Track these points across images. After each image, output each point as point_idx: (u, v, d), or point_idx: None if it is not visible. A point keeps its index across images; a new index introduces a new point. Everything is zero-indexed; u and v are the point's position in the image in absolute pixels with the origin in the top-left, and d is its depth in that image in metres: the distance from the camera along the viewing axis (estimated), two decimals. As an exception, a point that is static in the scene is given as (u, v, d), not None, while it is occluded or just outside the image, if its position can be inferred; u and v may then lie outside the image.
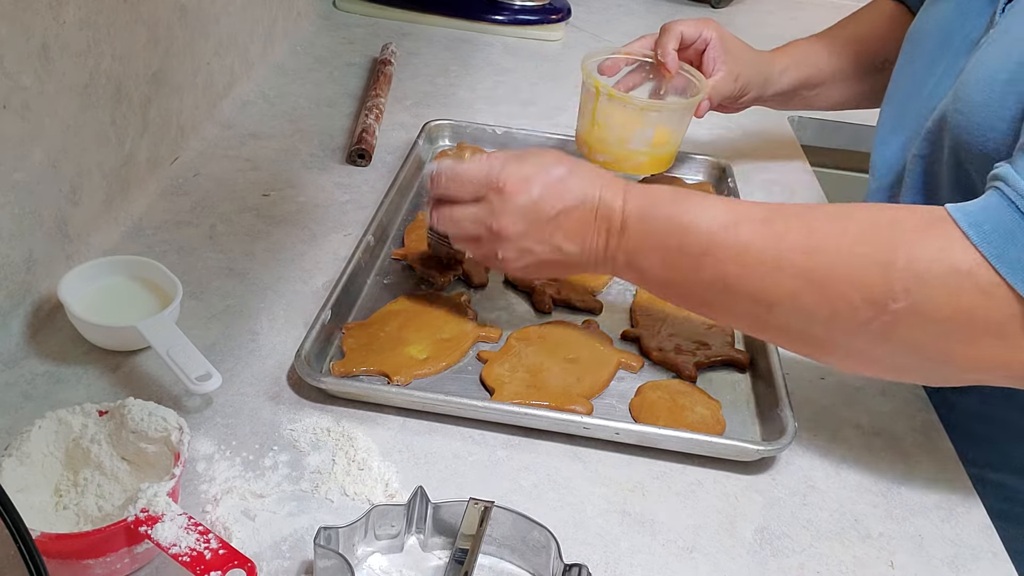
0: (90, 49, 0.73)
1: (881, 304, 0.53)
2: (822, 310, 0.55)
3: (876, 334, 0.55)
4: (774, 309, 0.57)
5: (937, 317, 0.53)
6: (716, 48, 0.91)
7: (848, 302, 0.54)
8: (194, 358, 0.62)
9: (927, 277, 0.53)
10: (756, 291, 0.57)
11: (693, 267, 0.59)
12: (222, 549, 0.48)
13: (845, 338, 0.56)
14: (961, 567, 0.59)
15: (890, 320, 0.54)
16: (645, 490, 0.62)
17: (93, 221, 0.77)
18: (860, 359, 0.58)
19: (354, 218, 0.88)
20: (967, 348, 0.54)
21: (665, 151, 0.91)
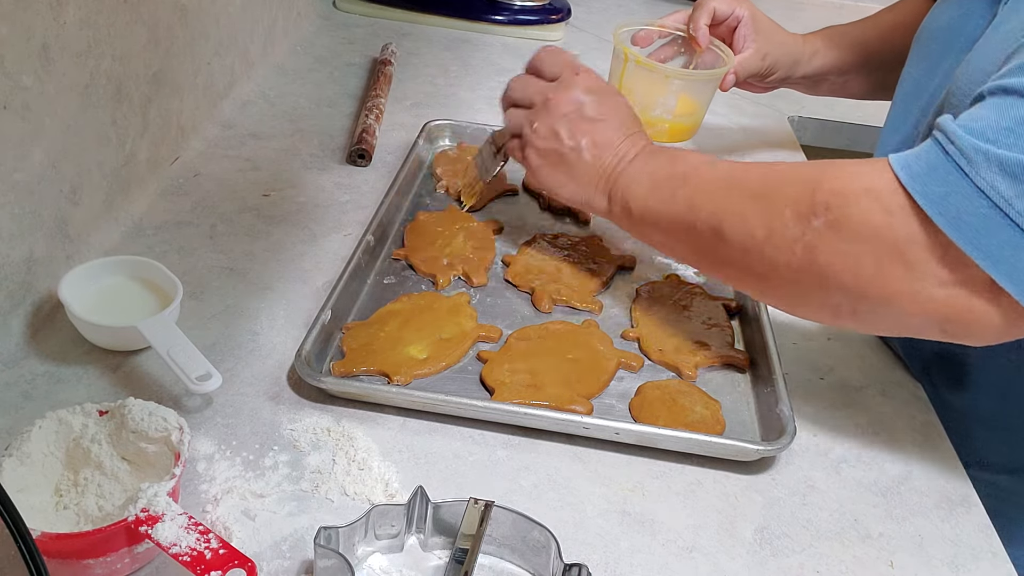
0: (90, 49, 0.73)
1: (805, 219, 0.57)
2: (760, 229, 0.59)
3: (801, 256, 0.57)
4: (724, 231, 0.62)
5: (848, 235, 0.55)
6: (747, 26, 0.94)
7: (780, 218, 0.58)
8: (194, 358, 0.62)
9: (844, 195, 0.56)
10: (712, 211, 0.63)
11: (671, 192, 0.66)
12: (222, 549, 0.48)
13: (779, 265, 0.59)
14: (961, 567, 0.59)
15: (811, 239, 0.57)
16: (645, 490, 0.62)
17: (93, 221, 0.77)
18: (792, 293, 0.61)
19: (354, 218, 0.88)
20: (876, 272, 0.55)
21: (687, 121, 0.93)
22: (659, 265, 0.86)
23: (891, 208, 0.54)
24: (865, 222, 0.55)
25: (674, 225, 0.66)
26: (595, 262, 0.84)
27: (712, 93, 0.94)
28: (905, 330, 0.58)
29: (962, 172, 0.52)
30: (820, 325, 0.80)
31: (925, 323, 0.56)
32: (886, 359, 0.78)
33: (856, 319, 0.59)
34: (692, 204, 0.64)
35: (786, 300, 0.62)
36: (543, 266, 0.82)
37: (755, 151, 1.12)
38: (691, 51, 0.97)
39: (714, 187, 0.64)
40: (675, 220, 0.66)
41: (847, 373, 0.75)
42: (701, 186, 0.65)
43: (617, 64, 0.93)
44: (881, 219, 0.54)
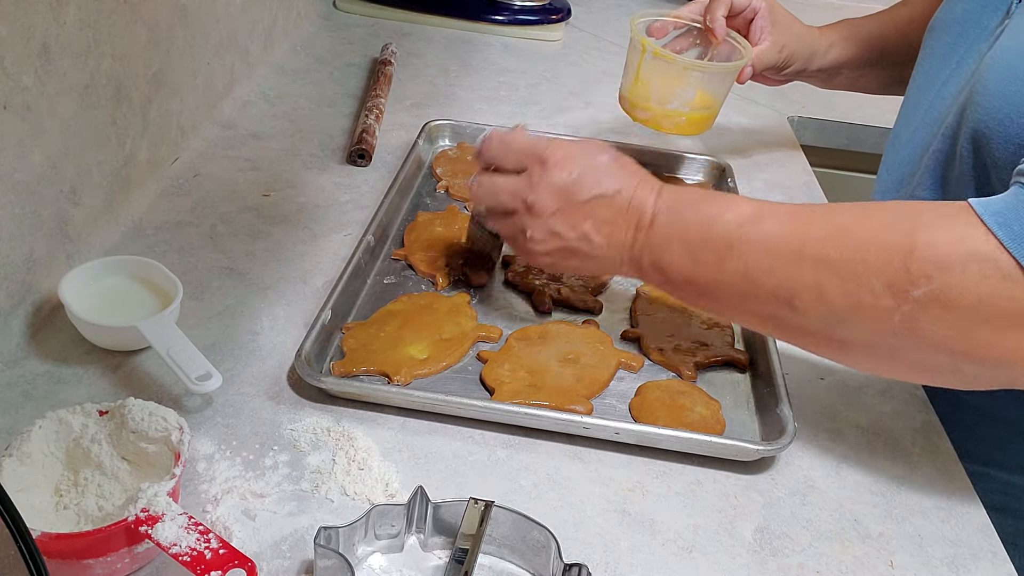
0: (90, 49, 0.73)
1: (902, 291, 0.52)
2: (843, 300, 0.54)
3: (898, 326, 0.53)
4: (795, 303, 0.56)
5: (959, 305, 0.52)
6: (764, 18, 0.93)
7: (869, 290, 0.53)
8: (194, 358, 0.62)
9: (947, 262, 0.52)
10: (778, 283, 0.57)
11: (716, 261, 0.59)
12: (222, 549, 0.48)
13: (867, 333, 0.55)
14: (961, 567, 0.59)
15: (911, 310, 0.52)
16: (645, 490, 0.62)
17: (93, 221, 0.77)
18: (883, 357, 0.56)
19: (354, 218, 0.88)
20: (992, 339, 0.52)
21: (704, 113, 0.92)
22: (659, 265, 0.86)
23: (1004, 271, 0.51)
24: (976, 292, 0.51)
25: (728, 296, 0.60)
26: (595, 262, 0.83)
27: (730, 86, 0.93)
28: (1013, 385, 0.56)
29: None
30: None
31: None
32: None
33: (957, 378, 0.56)
34: (748, 277, 0.58)
35: (876, 365, 0.58)
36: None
37: (755, 151, 1.12)
38: (707, 43, 0.96)
39: (772, 258, 0.57)
40: (728, 291, 0.60)
41: (847, 373, 0.75)
42: (753, 257, 0.58)
43: (634, 55, 0.91)
44: (995, 284, 0.51)
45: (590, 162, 0.64)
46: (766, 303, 0.58)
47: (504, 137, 0.68)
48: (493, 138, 0.68)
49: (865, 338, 0.55)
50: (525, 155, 0.66)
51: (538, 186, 0.64)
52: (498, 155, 0.68)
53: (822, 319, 0.56)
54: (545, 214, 0.64)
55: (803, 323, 0.57)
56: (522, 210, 0.65)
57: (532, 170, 0.65)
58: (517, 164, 0.66)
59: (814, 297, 0.55)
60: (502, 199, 0.67)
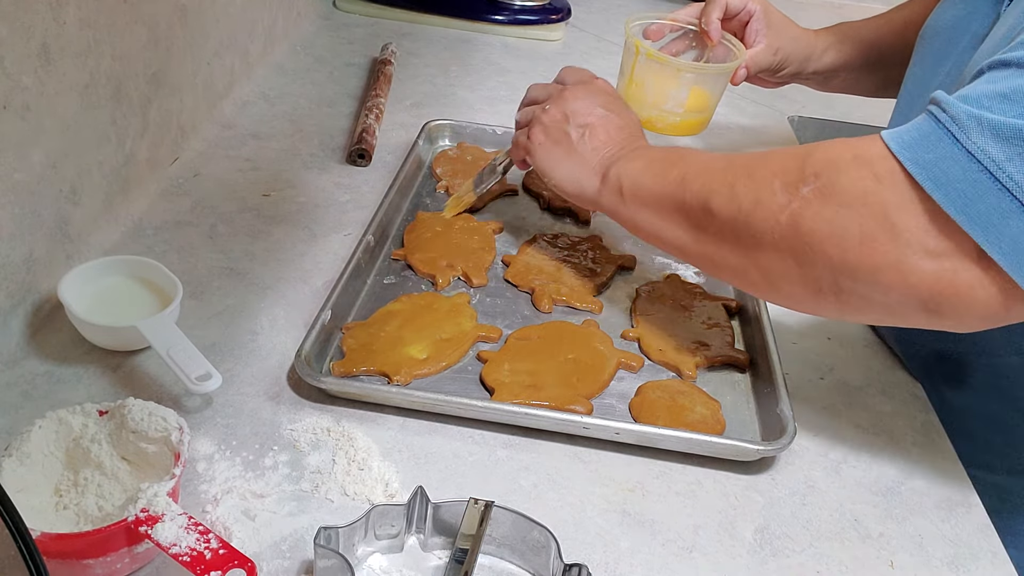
0: (90, 49, 0.73)
1: (794, 187, 0.57)
2: (748, 200, 0.60)
3: (786, 227, 0.57)
4: (711, 207, 0.62)
5: (835, 201, 0.55)
6: (759, 20, 0.94)
7: (770, 188, 0.58)
8: (194, 358, 0.62)
9: (834, 163, 0.56)
10: (701, 187, 0.63)
11: (662, 173, 0.67)
12: (222, 549, 0.48)
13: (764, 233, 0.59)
14: (961, 567, 0.59)
15: (798, 207, 0.57)
16: (645, 490, 0.62)
17: (93, 221, 0.77)
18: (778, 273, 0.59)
19: (354, 218, 0.88)
20: (861, 244, 0.54)
21: (698, 115, 0.93)
22: (659, 265, 0.86)
23: (880, 174, 0.53)
24: (853, 188, 0.54)
25: (662, 201, 0.66)
26: (595, 262, 0.84)
27: (724, 87, 0.94)
28: (888, 311, 0.56)
29: (953, 138, 0.51)
30: (820, 324, 0.80)
31: (909, 300, 0.54)
32: (886, 359, 0.78)
33: (838, 298, 0.57)
34: (683, 180, 0.65)
35: (767, 278, 0.61)
36: (543, 266, 0.82)
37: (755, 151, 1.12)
38: (703, 46, 0.97)
39: (708, 165, 0.65)
40: (664, 196, 0.66)
41: (847, 373, 0.75)
42: (695, 164, 0.66)
43: (628, 57, 0.93)
44: (870, 185, 0.54)
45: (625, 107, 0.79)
46: (691, 208, 0.64)
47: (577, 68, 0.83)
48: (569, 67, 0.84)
49: (761, 244, 0.59)
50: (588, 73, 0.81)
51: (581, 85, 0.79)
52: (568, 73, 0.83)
53: (732, 219, 0.61)
54: (571, 100, 0.76)
55: (715, 226, 0.62)
56: (556, 94, 0.78)
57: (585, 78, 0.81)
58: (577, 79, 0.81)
59: (727, 196, 0.61)
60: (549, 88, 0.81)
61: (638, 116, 0.93)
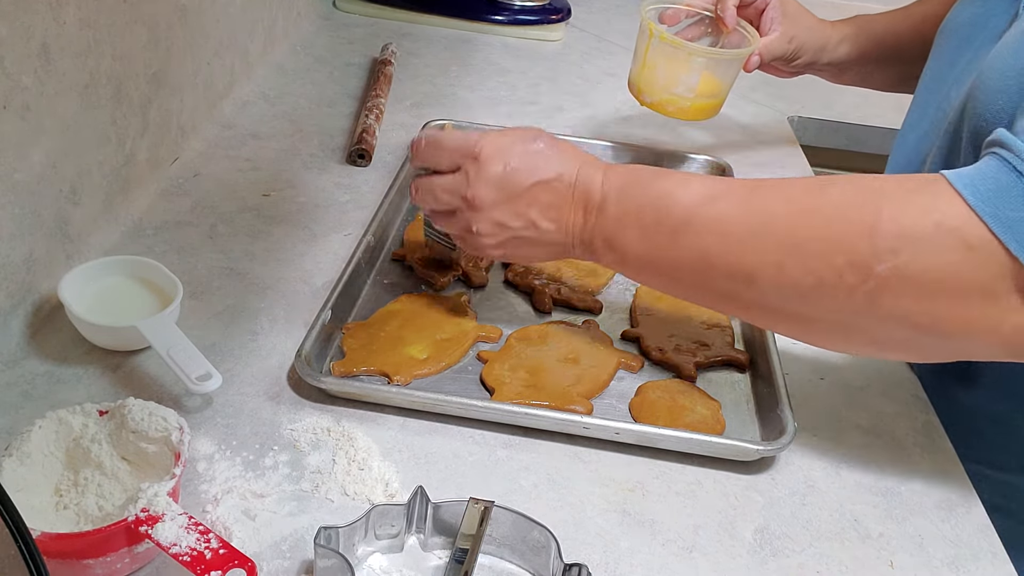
0: (90, 49, 0.73)
1: (866, 267, 0.51)
2: (806, 280, 0.53)
3: (861, 303, 0.53)
4: (754, 283, 0.55)
5: (923, 279, 0.51)
6: (775, 8, 0.93)
7: (833, 268, 0.52)
8: (194, 358, 0.62)
9: (913, 236, 0.51)
10: (735, 264, 0.56)
11: (671, 243, 0.58)
12: (222, 549, 0.48)
13: (829, 311, 0.54)
14: (961, 567, 0.59)
15: (875, 285, 0.52)
16: (645, 490, 0.62)
17: (93, 221, 0.77)
18: (844, 333, 0.56)
19: (354, 218, 0.88)
20: (954, 311, 0.51)
21: (709, 100, 0.93)
22: (659, 265, 0.86)
23: (971, 243, 0.50)
24: (941, 263, 0.50)
25: (684, 275, 0.59)
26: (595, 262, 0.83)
27: (736, 74, 0.93)
28: (969, 357, 0.55)
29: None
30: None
31: (998, 352, 0.54)
32: (886, 359, 0.78)
33: (920, 352, 0.56)
34: (705, 256, 0.57)
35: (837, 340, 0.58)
36: (543, 266, 0.82)
37: (755, 150, 1.12)
38: (718, 32, 0.96)
39: (729, 237, 0.56)
40: (685, 271, 0.59)
41: (847, 373, 0.75)
42: (711, 236, 0.57)
43: (642, 40, 0.92)
44: (960, 256, 0.50)
45: (525, 149, 0.63)
46: (723, 281, 0.57)
47: (434, 138, 0.66)
48: (422, 141, 0.67)
49: (826, 315, 0.55)
50: (457, 153, 0.65)
51: (475, 182, 0.63)
52: (430, 157, 0.67)
53: (783, 297, 0.55)
54: (486, 207, 0.63)
55: (762, 300, 0.56)
56: (464, 207, 0.64)
57: (466, 167, 0.64)
58: (451, 163, 0.65)
59: (774, 275, 0.54)
60: (442, 199, 0.66)
61: (649, 99, 0.93)
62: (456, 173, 0.65)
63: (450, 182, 0.65)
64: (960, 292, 0.51)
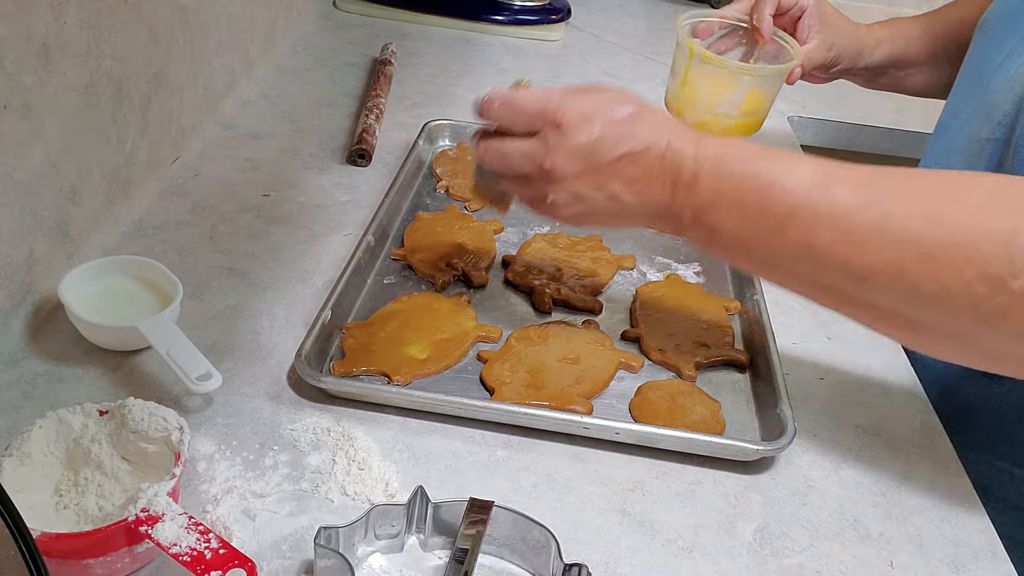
0: (90, 49, 0.73)
1: (999, 281, 0.47)
2: (928, 286, 0.49)
3: (987, 316, 0.48)
4: (867, 283, 0.51)
5: None
6: (812, 16, 0.90)
7: (961, 278, 0.48)
8: (194, 358, 0.62)
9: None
10: (849, 261, 0.51)
11: (776, 230, 0.53)
12: (222, 549, 0.48)
13: (949, 321, 0.50)
14: (961, 567, 0.59)
15: (1006, 301, 0.47)
16: (645, 490, 0.62)
17: (93, 221, 0.77)
18: (962, 345, 0.52)
19: (354, 218, 0.88)
20: None
21: (754, 117, 0.90)
22: (659, 265, 0.86)
23: None
24: None
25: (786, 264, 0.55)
26: (595, 262, 0.84)
27: (779, 87, 0.90)
28: None
29: None
30: (820, 324, 0.80)
31: None
32: (886, 359, 0.78)
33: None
34: (814, 249, 0.52)
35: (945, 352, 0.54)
36: (543, 266, 0.82)
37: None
38: (753, 42, 0.92)
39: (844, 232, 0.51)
40: (787, 261, 0.54)
41: (847, 373, 0.75)
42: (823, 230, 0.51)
43: (681, 59, 0.88)
44: None
45: (611, 117, 0.58)
46: (832, 276, 0.52)
47: (508, 98, 0.61)
48: (495, 99, 0.61)
49: (945, 324, 0.51)
50: (534, 117, 0.59)
51: (555, 151, 0.58)
52: (504, 118, 0.61)
53: (898, 300, 0.51)
54: (567, 179, 0.58)
55: (873, 300, 0.52)
56: (540, 176, 0.59)
57: (546, 133, 0.59)
58: (527, 127, 0.60)
59: (893, 277, 0.50)
60: (516, 164, 0.61)
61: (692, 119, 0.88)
62: (534, 138, 0.59)
63: (527, 148, 0.60)
64: None
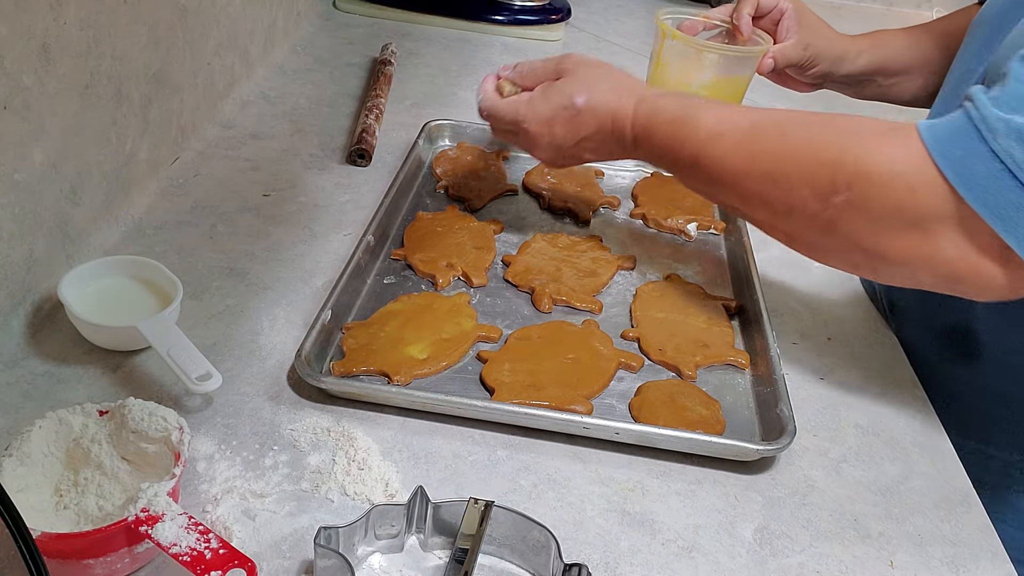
0: (90, 49, 0.73)
1: (825, 197, 0.59)
2: (781, 205, 0.62)
3: (823, 227, 0.60)
4: (749, 204, 0.65)
5: (871, 211, 0.58)
6: (791, 19, 0.95)
7: (800, 197, 0.61)
8: (194, 358, 0.62)
9: (869, 175, 0.58)
10: (733, 191, 0.66)
11: (689, 171, 0.69)
12: (222, 549, 0.48)
13: (802, 230, 0.63)
14: (961, 567, 0.59)
15: (833, 214, 0.59)
16: (645, 490, 0.62)
17: (93, 221, 0.77)
18: (817, 250, 0.64)
19: (354, 218, 0.88)
20: (897, 242, 0.58)
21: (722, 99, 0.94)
22: (659, 265, 0.86)
23: (914, 184, 0.56)
24: (888, 200, 0.57)
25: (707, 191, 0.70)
26: (595, 262, 0.84)
27: (749, 76, 0.95)
28: (918, 285, 0.61)
29: (981, 136, 0.54)
30: (820, 324, 0.80)
31: (937, 281, 0.59)
32: (886, 359, 0.78)
33: (874, 274, 0.63)
34: (711, 184, 0.67)
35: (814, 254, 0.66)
36: (543, 266, 0.82)
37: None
38: (735, 42, 0.98)
39: (727, 171, 0.65)
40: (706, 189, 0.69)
41: (847, 373, 0.75)
42: (714, 170, 0.66)
43: (656, 42, 0.96)
44: (904, 194, 0.56)
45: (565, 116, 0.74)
46: (730, 199, 0.68)
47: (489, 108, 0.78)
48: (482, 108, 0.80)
49: (801, 233, 0.63)
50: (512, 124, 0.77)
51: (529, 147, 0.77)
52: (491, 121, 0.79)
53: (769, 216, 0.65)
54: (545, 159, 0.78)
55: (756, 217, 0.66)
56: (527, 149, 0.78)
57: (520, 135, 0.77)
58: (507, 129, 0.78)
59: (760, 202, 0.64)
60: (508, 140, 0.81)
61: None
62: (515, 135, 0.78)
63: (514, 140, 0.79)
64: (901, 225, 0.57)
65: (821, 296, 0.85)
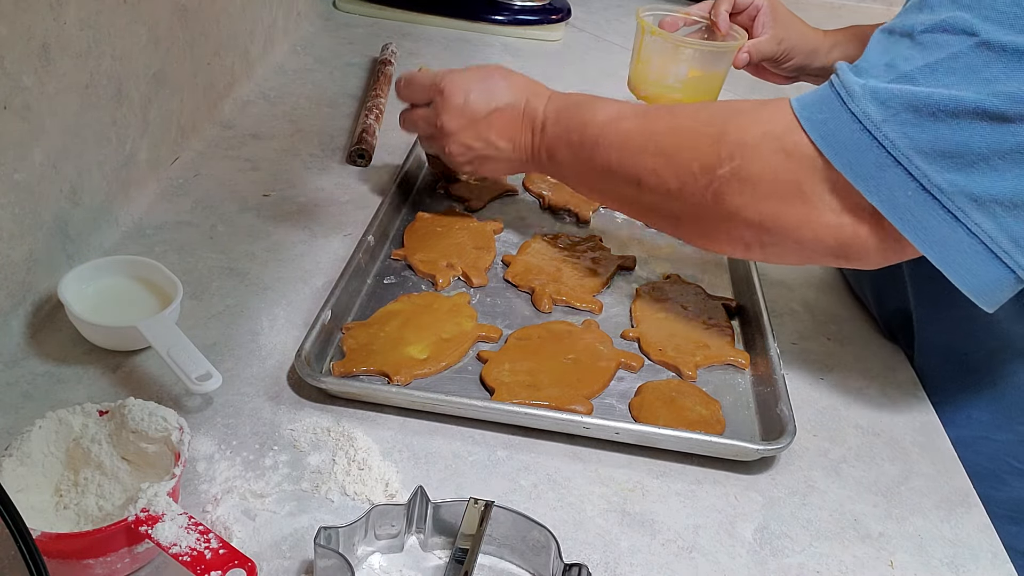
0: (90, 49, 0.73)
1: (711, 170, 0.62)
2: (673, 181, 0.65)
3: (710, 201, 0.63)
4: (642, 187, 0.67)
5: (753, 180, 0.61)
6: (766, 14, 1.00)
7: (689, 171, 0.64)
8: (194, 358, 0.62)
9: (747, 143, 0.61)
10: (629, 171, 0.68)
11: (589, 156, 0.71)
12: (222, 549, 0.48)
13: (691, 207, 0.65)
14: (961, 567, 0.59)
15: (718, 186, 0.62)
16: (645, 490, 0.62)
17: (93, 221, 0.77)
18: (708, 232, 0.67)
19: (354, 218, 0.88)
20: (777, 210, 0.61)
21: (698, 94, 1.00)
22: (659, 265, 0.86)
23: (788, 148, 0.59)
24: (766, 165, 0.60)
25: (599, 182, 0.72)
26: (595, 262, 0.84)
27: (725, 69, 1.00)
28: (805, 258, 0.63)
29: (841, 100, 0.57)
30: (820, 324, 0.80)
31: (821, 250, 0.61)
32: (886, 359, 0.78)
33: (764, 251, 0.65)
34: (609, 166, 0.69)
35: (702, 237, 0.68)
36: (543, 266, 0.82)
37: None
38: (713, 38, 1.03)
39: (626, 148, 0.68)
40: (598, 179, 0.72)
41: (847, 373, 0.75)
42: (613, 151, 0.69)
43: (636, 38, 1.00)
44: (780, 161, 0.59)
45: (481, 84, 0.78)
46: (623, 186, 0.69)
47: (409, 78, 0.82)
48: (401, 79, 0.83)
49: (690, 211, 0.66)
50: (427, 89, 0.80)
51: (442, 112, 0.78)
52: (408, 94, 0.83)
53: (660, 197, 0.67)
54: (454, 132, 0.78)
55: (647, 201, 0.68)
56: (437, 133, 0.79)
57: (436, 100, 0.79)
58: (424, 98, 0.80)
59: (654, 179, 0.66)
60: (421, 127, 0.82)
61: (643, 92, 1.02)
62: (429, 106, 0.80)
63: (424, 113, 0.81)
64: (781, 193, 0.60)
65: (821, 296, 0.85)
